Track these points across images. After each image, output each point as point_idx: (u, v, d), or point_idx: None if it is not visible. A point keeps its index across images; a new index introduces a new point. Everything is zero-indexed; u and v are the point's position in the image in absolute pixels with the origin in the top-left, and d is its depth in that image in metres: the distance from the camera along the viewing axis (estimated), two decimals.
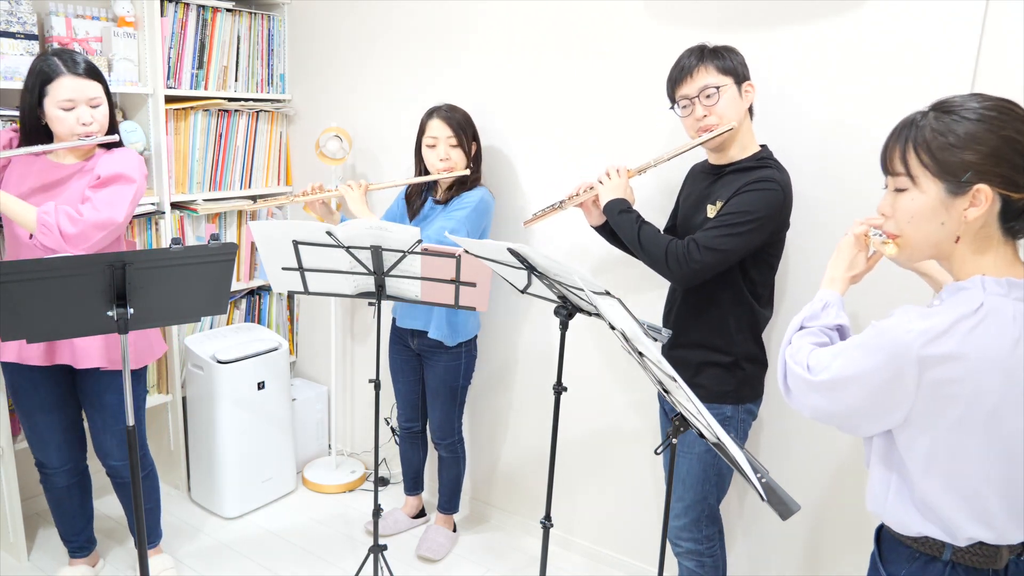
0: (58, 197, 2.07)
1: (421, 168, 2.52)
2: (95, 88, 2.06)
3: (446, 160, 2.42)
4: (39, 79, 2.01)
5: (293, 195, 2.54)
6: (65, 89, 2.01)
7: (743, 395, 1.89)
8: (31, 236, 1.98)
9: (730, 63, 1.81)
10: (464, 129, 2.44)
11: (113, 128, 2.15)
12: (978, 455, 1.13)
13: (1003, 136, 1.10)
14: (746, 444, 2.11)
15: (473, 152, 2.47)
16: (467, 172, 2.43)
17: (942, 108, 1.15)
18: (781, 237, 1.87)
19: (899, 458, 1.20)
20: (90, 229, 1.99)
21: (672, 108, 1.89)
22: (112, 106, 2.14)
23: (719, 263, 1.77)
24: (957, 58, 1.82)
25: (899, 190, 1.18)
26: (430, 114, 2.45)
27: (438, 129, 2.42)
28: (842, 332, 1.33)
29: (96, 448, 2.31)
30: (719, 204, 1.82)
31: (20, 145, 2.10)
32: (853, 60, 1.96)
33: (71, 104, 2.02)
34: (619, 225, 1.92)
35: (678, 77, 1.85)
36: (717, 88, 1.79)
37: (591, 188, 2.00)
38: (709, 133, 1.81)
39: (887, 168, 1.20)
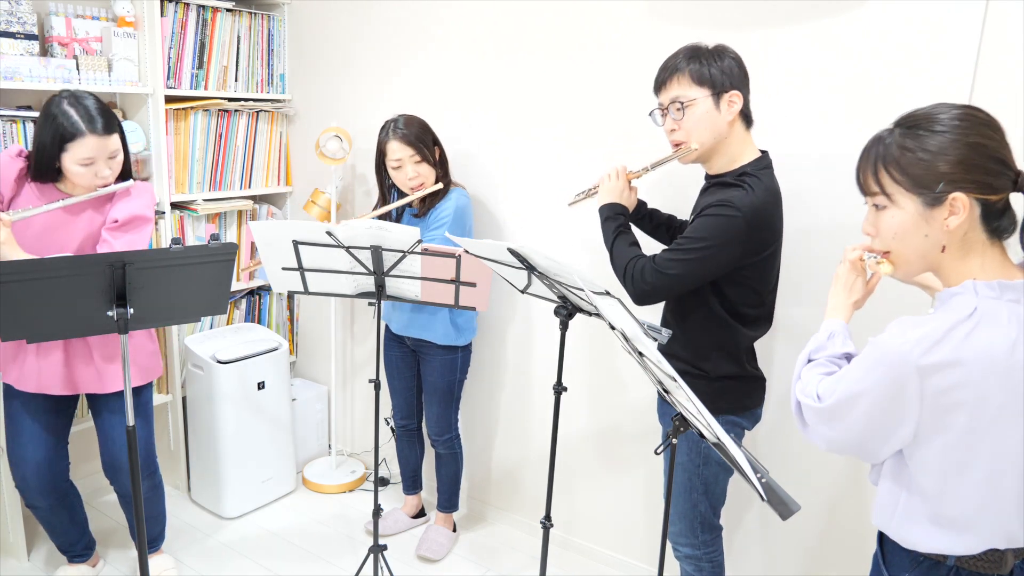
0: (68, 231, 2.07)
1: (386, 185, 2.52)
2: (115, 142, 2.02)
3: (415, 178, 2.41)
4: (59, 135, 1.95)
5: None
6: (86, 149, 1.96)
7: (719, 407, 1.79)
8: None
9: (709, 72, 1.69)
10: (423, 141, 2.40)
11: (127, 170, 2.12)
12: (988, 459, 1.13)
13: (969, 143, 1.11)
14: (745, 446, 2.11)
15: (437, 158, 2.46)
16: (439, 186, 2.43)
17: (906, 123, 1.17)
18: (761, 259, 1.75)
19: (909, 476, 1.20)
20: None
21: (651, 115, 1.83)
22: (127, 150, 2.11)
23: (670, 286, 1.73)
24: (957, 58, 1.82)
25: (878, 208, 1.19)
26: (385, 134, 2.41)
27: (398, 150, 2.38)
28: (850, 360, 1.32)
29: (106, 464, 2.28)
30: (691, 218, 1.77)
31: (29, 171, 2.05)
32: (853, 60, 1.96)
33: (91, 162, 1.99)
34: (602, 231, 1.89)
35: (656, 82, 1.79)
36: (683, 104, 1.70)
37: (597, 187, 1.98)
38: (676, 151, 1.76)
39: (862, 188, 1.22)
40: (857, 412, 1.17)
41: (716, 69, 1.70)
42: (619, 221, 1.88)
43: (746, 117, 1.77)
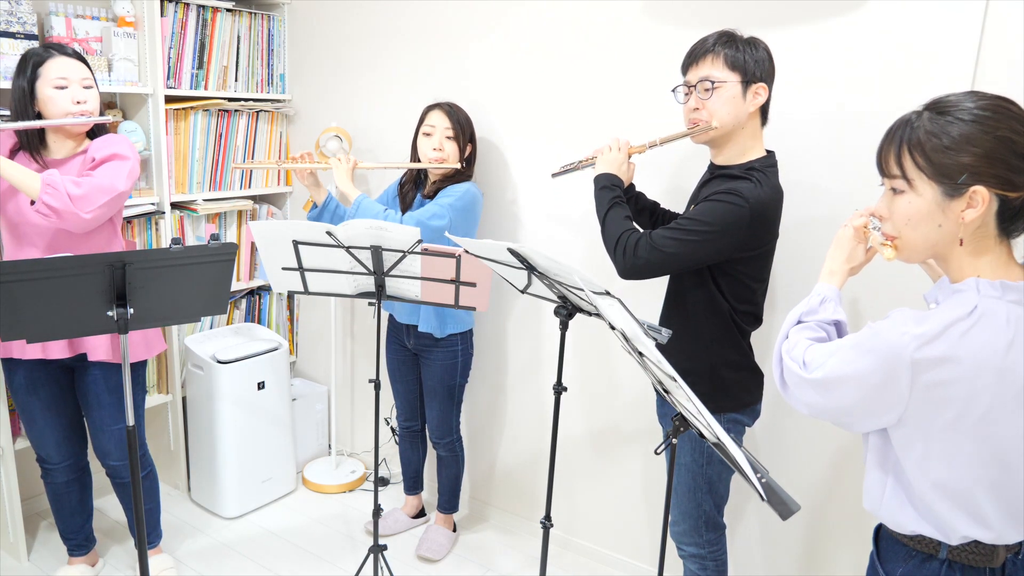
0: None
1: (415, 159, 2.52)
2: (85, 70, 2.10)
3: (439, 150, 2.42)
4: (31, 62, 2.04)
5: (281, 162, 2.54)
6: (58, 67, 2.04)
7: (721, 405, 1.81)
8: (32, 203, 1.95)
9: (743, 59, 1.69)
10: (463, 126, 2.44)
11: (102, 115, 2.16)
12: (972, 457, 1.13)
13: (998, 136, 1.09)
14: (745, 443, 2.10)
15: (468, 152, 2.48)
16: (457, 166, 2.43)
17: (936, 108, 1.14)
18: (756, 255, 1.76)
19: (895, 457, 1.20)
20: (94, 191, 1.99)
21: (674, 91, 1.82)
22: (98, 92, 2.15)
23: (663, 264, 1.72)
24: (957, 58, 1.82)
25: (895, 192, 1.18)
26: (432, 106, 2.47)
27: (437, 119, 2.43)
28: (839, 327, 1.32)
29: (95, 448, 2.31)
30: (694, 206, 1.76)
31: (17, 147, 2.10)
32: (853, 61, 1.96)
33: (65, 82, 2.04)
34: (596, 200, 1.87)
35: (687, 60, 1.78)
36: (713, 84, 1.70)
37: (595, 156, 1.96)
38: (694, 128, 1.75)
39: (883, 169, 1.20)
40: (844, 391, 1.17)
41: (750, 58, 1.71)
42: (615, 192, 1.86)
43: (764, 113, 1.77)
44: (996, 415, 1.10)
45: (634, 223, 1.82)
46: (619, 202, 1.84)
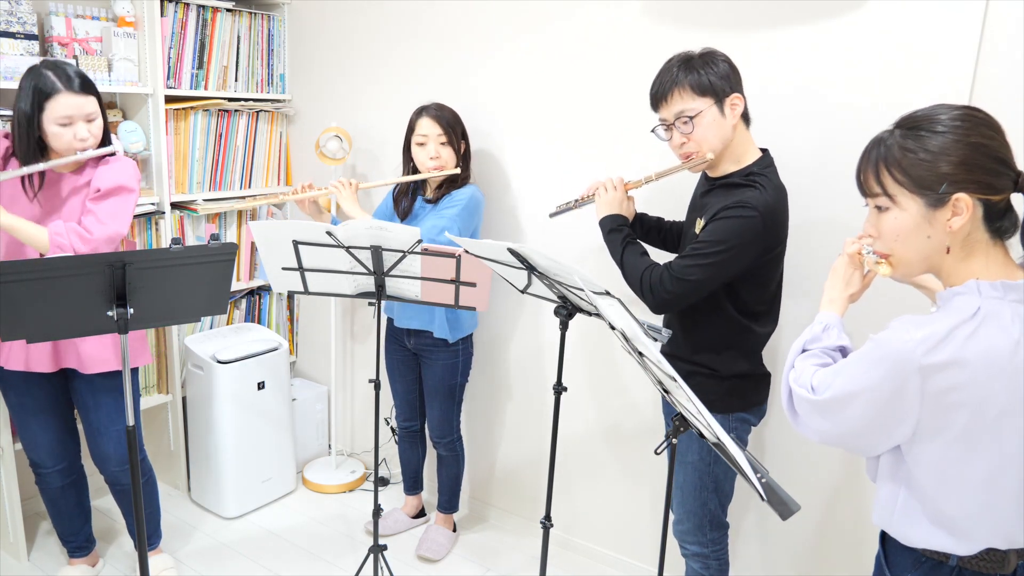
0: (57, 210, 2.08)
1: (410, 166, 2.51)
2: (92, 103, 2.04)
3: (436, 159, 2.41)
4: (36, 96, 1.98)
5: (283, 194, 2.54)
6: (63, 107, 1.99)
7: (731, 405, 1.83)
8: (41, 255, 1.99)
9: (708, 80, 1.68)
10: (453, 127, 2.43)
11: (106, 138, 2.13)
12: (988, 460, 1.13)
13: (971, 143, 1.11)
14: (748, 442, 2.10)
15: (462, 151, 2.47)
16: (457, 171, 2.43)
17: (907, 124, 1.16)
18: (773, 256, 1.78)
19: (907, 472, 1.19)
20: (101, 245, 2.02)
21: (653, 131, 1.82)
22: (105, 116, 2.12)
23: (690, 293, 1.72)
24: (957, 58, 1.82)
25: (880, 209, 1.19)
26: (419, 112, 2.45)
27: (428, 127, 2.41)
28: (844, 353, 1.32)
29: (94, 455, 2.30)
30: (702, 221, 1.76)
31: (13, 151, 2.08)
32: (853, 61, 1.96)
33: (69, 121, 2.00)
34: (608, 243, 1.89)
35: (655, 99, 1.77)
36: (691, 118, 1.70)
37: (593, 196, 1.97)
38: (689, 161, 1.76)
39: (864, 190, 1.22)
40: (854, 408, 1.16)
41: (714, 76, 1.69)
42: (624, 232, 1.87)
43: (745, 116, 1.77)
44: (1009, 416, 1.10)
45: (651, 258, 1.82)
46: (631, 241, 1.86)
